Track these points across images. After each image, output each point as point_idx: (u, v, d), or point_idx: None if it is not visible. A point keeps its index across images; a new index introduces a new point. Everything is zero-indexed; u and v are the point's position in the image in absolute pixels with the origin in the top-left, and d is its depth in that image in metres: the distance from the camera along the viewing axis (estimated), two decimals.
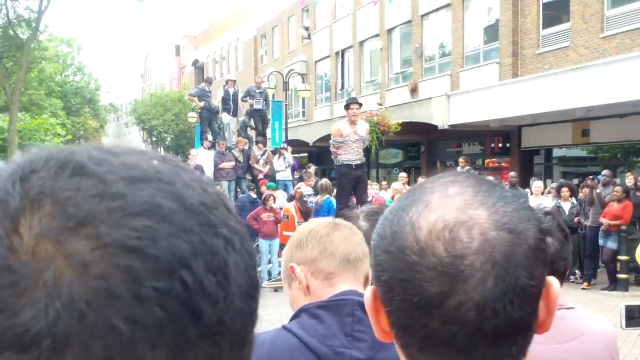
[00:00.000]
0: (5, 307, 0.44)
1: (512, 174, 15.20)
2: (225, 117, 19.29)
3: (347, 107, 10.45)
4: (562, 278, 2.16)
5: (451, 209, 0.77)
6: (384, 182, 19.74)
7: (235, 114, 19.60)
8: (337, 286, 1.71)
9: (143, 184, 0.49)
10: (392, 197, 13.90)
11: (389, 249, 0.78)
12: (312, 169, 17.54)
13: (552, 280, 0.81)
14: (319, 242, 1.74)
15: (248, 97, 18.93)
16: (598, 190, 13.04)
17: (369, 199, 12.30)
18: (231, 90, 19.29)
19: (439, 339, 0.75)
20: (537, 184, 14.24)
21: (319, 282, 1.71)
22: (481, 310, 0.73)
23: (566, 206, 13.58)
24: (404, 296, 0.76)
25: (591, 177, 14.21)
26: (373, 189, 15.27)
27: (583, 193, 13.40)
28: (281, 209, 14.15)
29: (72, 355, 0.44)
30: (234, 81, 19.87)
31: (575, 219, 13.28)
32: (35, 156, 0.51)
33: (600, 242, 12.71)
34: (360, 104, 10.79)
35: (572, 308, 2.12)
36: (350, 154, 10.36)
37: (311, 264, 1.73)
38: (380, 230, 0.82)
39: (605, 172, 13.82)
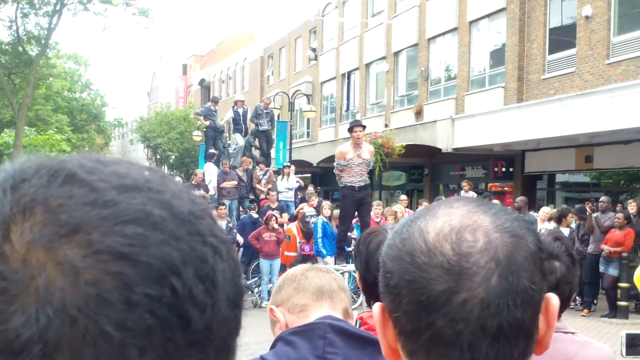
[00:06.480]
0: None
1: (520, 198, 15.14)
2: (239, 139, 19.38)
3: (350, 130, 10.40)
4: (567, 302, 2.16)
5: (456, 216, 0.82)
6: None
7: (246, 134, 19.74)
8: (313, 315, 1.73)
9: (134, 192, 0.50)
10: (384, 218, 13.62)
11: (398, 254, 0.82)
12: (310, 189, 17.55)
13: (551, 296, 0.84)
14: (293, 281, 1.80)
15: (255, 119, 19.05)
16: (595, 215, 12.99)
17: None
18: (240, 111, 19.45)
19: (445, 339, 0.78)
20: (544, 210, 14.27)
21: (294, 316, 1.75)
22: (485, 307, 0.76)
23: (565, 232, 13.55)
24: (412, 297, 0.79)
25: (587, 201, 14.15)
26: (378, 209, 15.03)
27: (576, 219, 13.37)
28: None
29: None
30: (243, 101, 20.01)
31: None
32: (26, 164, 0.51)
33: (602, 268, 12.63)
34: (364, 127, 10.75)
35: (572, 333, 2.12)
36: (353, 177, 10.29)
37: (287, 302, 1.78)
38: (390, 242, 0.86)
39: (603, 198, 13.75)
